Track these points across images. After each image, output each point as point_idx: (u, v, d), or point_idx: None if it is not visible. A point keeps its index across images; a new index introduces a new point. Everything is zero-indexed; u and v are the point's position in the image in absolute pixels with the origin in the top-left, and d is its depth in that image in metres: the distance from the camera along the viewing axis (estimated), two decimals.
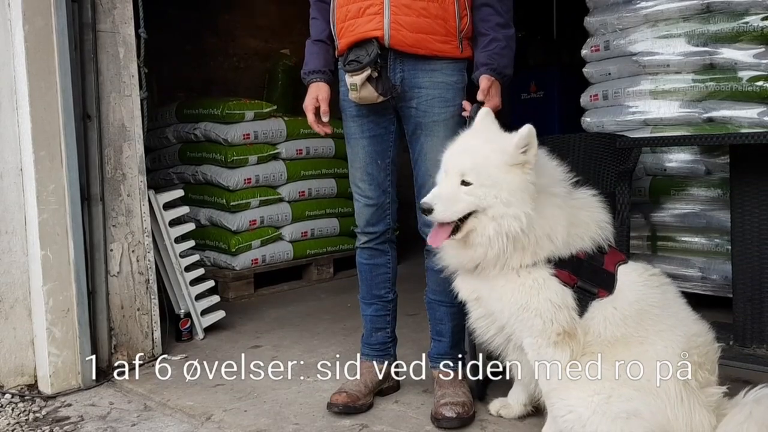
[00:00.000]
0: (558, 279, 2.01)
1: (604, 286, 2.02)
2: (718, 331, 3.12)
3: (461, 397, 2.46)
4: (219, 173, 4.53)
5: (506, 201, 1.95)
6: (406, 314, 3.24)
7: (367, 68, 2.30)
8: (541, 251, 2.01)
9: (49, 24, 2.80)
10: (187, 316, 3.55)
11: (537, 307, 2.00)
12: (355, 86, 2.33)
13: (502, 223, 1.96)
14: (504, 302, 2.05)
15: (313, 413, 2.56)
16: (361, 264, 2.68)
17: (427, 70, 2.39)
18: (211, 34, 5.75)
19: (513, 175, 1.97)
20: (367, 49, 2.31)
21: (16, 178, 2.87)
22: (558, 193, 2.05)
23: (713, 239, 3.59)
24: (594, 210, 2.11)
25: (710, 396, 1.94)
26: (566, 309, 2.00)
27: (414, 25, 2.32)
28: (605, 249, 2.07)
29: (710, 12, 3.53)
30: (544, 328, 2.00)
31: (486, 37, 2.38)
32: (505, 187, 1.96)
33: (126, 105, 3.14)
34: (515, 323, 2.05)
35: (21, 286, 2.90)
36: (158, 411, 2.67)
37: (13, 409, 2.71)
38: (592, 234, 2.06)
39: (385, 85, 2.34)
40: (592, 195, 2.14)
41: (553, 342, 2.00)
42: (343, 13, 2.39)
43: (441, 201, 2.00)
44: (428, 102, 2.40)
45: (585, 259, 2.04)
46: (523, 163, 1.97)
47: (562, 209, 2.03)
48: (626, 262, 2.09)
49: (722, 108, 3.48)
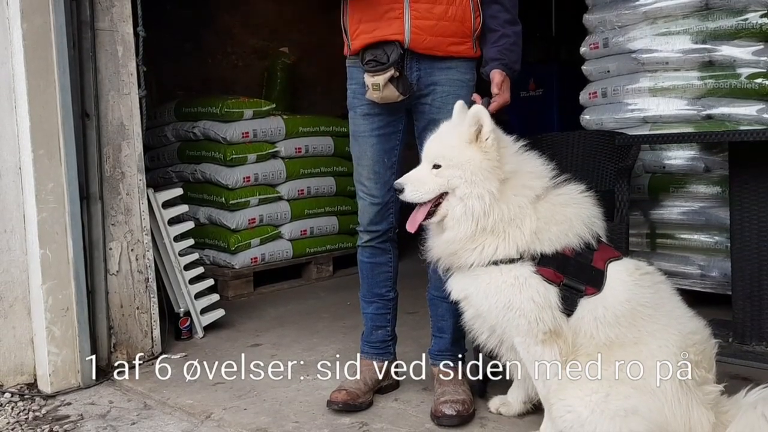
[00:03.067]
0: (542, 277, 2.01)
1: (592, 283, 2.01)
2: (717, 328, 3.15)
3: (461, 395, 2.46)
4: (218, 172, 4.53)
5: (470, 180, 2.04)
6: (406, 312, 3.23)
7: (390, 68, 2.35)
8: (511, 239, 2.02)
9: (47, 22, 2.79)
10: (187, 315, 3.55)
11: (520, 306, 2.02)
12: (378, 86, 2.37)
13: (467, 203, 2.05)
14: (490, 301, 2.06)
15: (312, 411, 2.56)
16: (362, 262, 2.68)
17: (443, 68, 2.44)
18: (210, 32, 5.74)
19: (473, 153, 2.05)
20: (385, 49, 2.35)
21: (14, 177, 2.87)
22: (531, 185, 2.07)
23: (713, 236, 3.59)
24: (580, 206, 2.10)
25: (708, 394, 1.94)
26: (549, 308, 2.01)
27: (434, 29, 2.37)
28: (594, 245, 2.07)
29: (709, 9, 3.53)
30: (530, 327, 2.02)
31: (496, 33, 2.43)
32: (468, 167, 2.05)
33: (125, 103, 3.14)
34: (503, 323, 2.08)
35: (20, 284, 2.90)
36: (158, 409, 2.67)
37: (12, 408, 2.71)
38: (578, 230, 2.06)
39: (405, 85, 2.40)
40: (580, 192, 2.14)
41: (540, 341, 2.02)
42: (359, 16, 2.42)
43: (410, 182, 2.15)
44: (443, 99, 2.44)
45: (572, 257, 2.03)
46: (479, 141, 2.04)
47: (530, 201, 2.05)
48: (620, 259, 2.08)
49: (721, 105, 3.48)
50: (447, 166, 2.08)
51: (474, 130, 2.04)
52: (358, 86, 2.50)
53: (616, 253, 2.11)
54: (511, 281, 2.02)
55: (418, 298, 2.75)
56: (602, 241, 2.11)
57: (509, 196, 2.04)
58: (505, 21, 2.42)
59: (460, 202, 2.06)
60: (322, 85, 5.98)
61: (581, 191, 2.15)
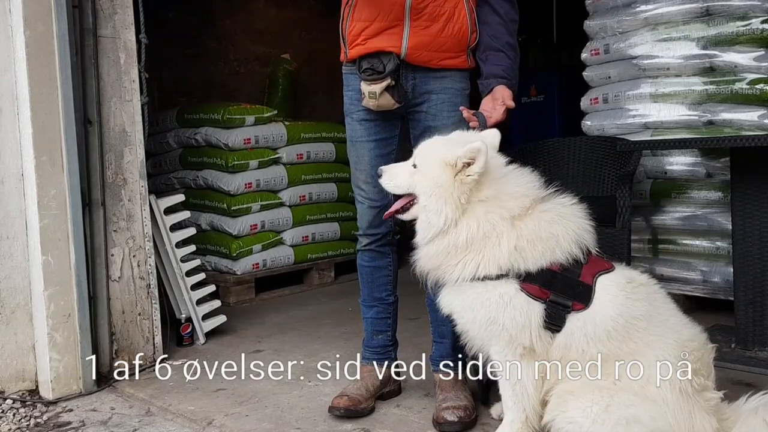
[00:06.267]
0: (526, 293, 1.99)
1: (579, 298, 1.98)
2: (720, 334, 3.16)
3: (463, 401, 2.46)
4: (220, 178, 4.54)
5: (429, 194, 2.05)
6: (407, 318, 3.23)
7: (387, 78, 2.38)
8: (491, 257, 2.00)
9: (50, 29, 2.80)
10: (188, 321, 3.55)
11: (503, 323, 2.01)
12: (374, 94, 2.40)
13: (427, 214, 2.06)
14: (475, 312, 2.05)
15: (314, 417, 2.56)
16: (362, 266, 2.69)
17: (438, 77, 2.47)
18: (211, 39, 5.76)
19: (446, 175, 2.03)
20: (381, 58, 2.39)
21: (17, 184, 2.87)
22: (507, 206, 2.02)
23: (714, 242, 3.58)
24: (569, 221, 2.05)
25: (708, 401, 1.93)
26: (529, 329, 1.99)
27: (430, 45, 2.41)
28: (582, 259, 2.03)
29: (710, 15, 3.54)
30: (511, 340, 2.02)
31: (499, 54, 2.46)
32: (433, 183, 2.05)
33: (127, 110, 3.15)
34: (484, 333, 2.07)
35: (22, 291, 2.91)
36: (159, 416, 2.67)
37: (14, 414, 2.71)
38: (565, 247, 2.01)
39: (401, 93, 2.43)
40: (569, 204, 2.10)
41: (519, 354, 2.03)
42: (360, 26, 2.43)
43: (388, 171, 2.22)
44: (438, 106, 2.48)
45: (559, 272, 2.00)
46: (461, 170, 2.01)
47: (504, 219, 2.00)
48: (610, 271, 2.04)
49: (722, 111, 3.48)
50: (420, 172, 2.11)
51: (463, 161, 2.00)
52: (354, 93, 2.53)
53: (608, 265, 2.06)
54: (496, 299, 2.00)
55: (419, 304, 2.74)
56: (594, 253, 2.08)
57: (480, 214, 2.01)
58: (507, 43, 2.46)
59: (423, 210, 2.08)
60: (324, 91, 5.99)
61: (571, 203, 2.10)
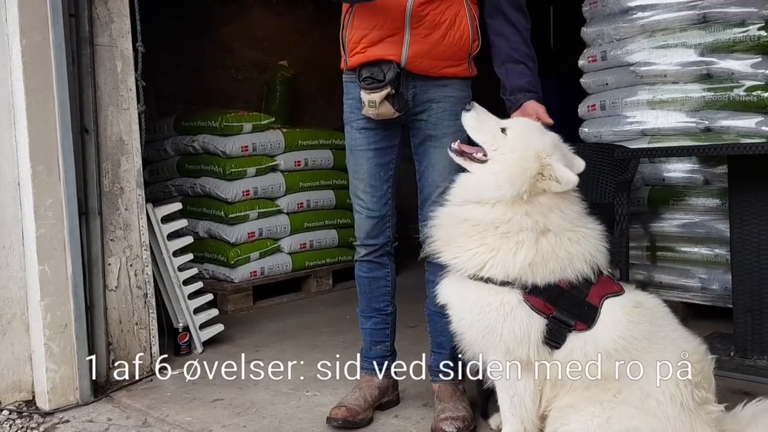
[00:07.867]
0: (530, 305, 1.96)
1: (583, 318, 1.95)
2: (719, 342, 3.15)
3: (462, 411, 2.45)
4: (217, 185, 4.53)
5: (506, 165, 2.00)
6: (405, 327, 3.22)
7: (387, 86, 2.35)
8: (500, 261, 1.96)
9: (46, 38, 2.79)
10: (186, 330, 3.53)
11: (501, 333, 1.98)
12: (374, 103, 2.38)
13: (487, 179, 2.01)
14: (473, 316, 2.02)
15: (312, 428, 2.54)
16: (360, 277, 2.67)
17: (439, 86, 2.45)
18: (209, 46, 5.75)
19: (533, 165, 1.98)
20: (382, 67, 2.36)
21: (13, 193, 2.86)
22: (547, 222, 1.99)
23: (713, 249, 3.58)
24: (587, 242, 2.03)
25: (710, 413, 1.92)
26: (527, 344, 1.97)
27: (430, 53, 2.38)
28: (593, 280, 2.00)
29: (707, 22, 3.54)
30: (508, 353, 2.00)
31: (519, 65, 2.44)
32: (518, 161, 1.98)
33: (124, 119, 3.14)
34: (482, 341, 2.05)
35: (18, 301, 2.89)
36: (157, 427, 2.65)
37: (11, 425, 2.69)
38: (578, 267, 1.99)
39: (401, 102, 2.41)
40: (593, 227, 2.07)
41: (516, 367, 2.01)
42: (360, 34, 2.42)
43: (478, 113, 2.14)
44: (439, 115, 2.46)
45: (567, 289, 1.97)
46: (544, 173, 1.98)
47: (534, 229, 1.97)
48: (619, 294, 2.00)
49: (720, 118, 3.48)
50: (509, 144, 2.03)
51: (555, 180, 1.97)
52: (354, 101, 2.51)
53: (617, 288, 2.03)
54: (496, 306, 1.97)
55: (418, 313, 2.74)
56: (606, 274, 2.05)
57: (519, 212, 1.97)
58: (526, 54, 2.45)
59: (488, 173, 2.02)
60: (322, 98, 5.98)
61: (596, 227, 2.08)
